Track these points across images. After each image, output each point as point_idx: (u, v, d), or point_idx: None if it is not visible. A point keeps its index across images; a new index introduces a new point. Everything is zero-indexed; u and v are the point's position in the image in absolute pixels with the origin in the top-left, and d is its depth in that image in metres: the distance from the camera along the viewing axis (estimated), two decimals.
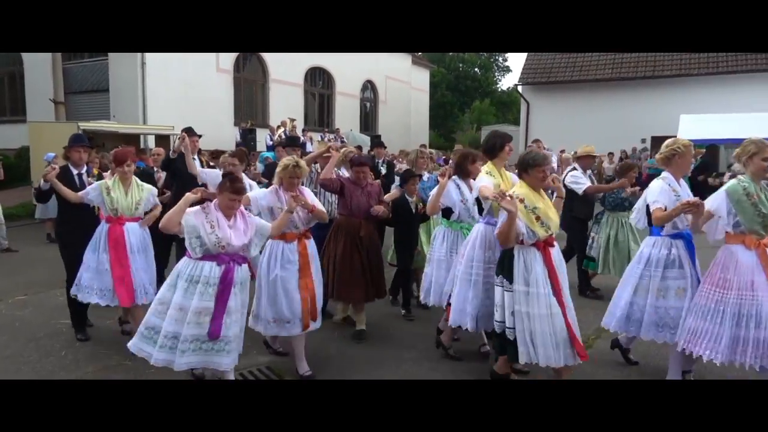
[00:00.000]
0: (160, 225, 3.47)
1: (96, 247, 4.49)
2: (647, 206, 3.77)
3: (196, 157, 5.66)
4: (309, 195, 4.17)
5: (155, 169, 6.05)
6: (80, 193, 4.54)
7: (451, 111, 39.61)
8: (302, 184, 4.27)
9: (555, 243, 3.61)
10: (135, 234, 4.56)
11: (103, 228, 4.53)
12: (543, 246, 3.51)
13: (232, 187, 3.46)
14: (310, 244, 4.15)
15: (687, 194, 3.70)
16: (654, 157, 12.80)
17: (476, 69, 42.32)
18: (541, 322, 3.40)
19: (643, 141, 18.56)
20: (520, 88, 21.91)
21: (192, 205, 3.45)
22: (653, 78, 19.10)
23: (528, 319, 3.43)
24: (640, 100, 18.94)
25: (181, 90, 15.42)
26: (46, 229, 9.90)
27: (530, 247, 3.49)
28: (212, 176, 4.99)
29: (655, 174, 4.45)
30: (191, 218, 3.40)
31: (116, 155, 4.63)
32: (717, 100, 17.53)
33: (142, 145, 13.25)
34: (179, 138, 5.30)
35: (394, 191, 5.56)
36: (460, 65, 41.23)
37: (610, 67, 20.04)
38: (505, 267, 3.55)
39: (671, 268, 3.70)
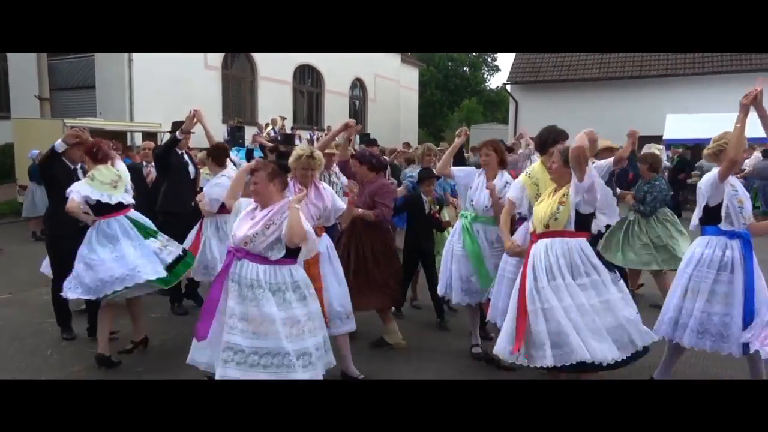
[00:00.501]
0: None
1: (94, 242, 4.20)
2: (703, 207, 3.58)
3: (184, 151, 5.56)
4: (327, 193, 3.79)
5: (144, 164, 5.92)
6: (78, 200, 4.07)
7: (440, 109, 39.67)
8: (321, 179, 4.00)
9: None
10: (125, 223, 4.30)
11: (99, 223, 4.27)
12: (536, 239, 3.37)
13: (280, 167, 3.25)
14: (322, 244, 3.79)
15: (742, 190, 3.57)
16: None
17: (465, 68, 42.43)
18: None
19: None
20: (508, 87, 21.99)
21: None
22: (640, 78, 19.25)
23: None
24: (626, 100, 19.09)
25: (168, 87, 15.29)
26: (31, 227, 9.79)
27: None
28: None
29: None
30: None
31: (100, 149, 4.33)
32: (702, 100, 17.70)
33: (129, 143, 13.14)
34: (190, 115, 4.96)
35: (400, 189, 5.41)
36: (449, 64, 41.31)
37: (598, 66, 20.18)
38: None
39: (723, 271, 3.45)
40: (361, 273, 4.27)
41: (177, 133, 5.12)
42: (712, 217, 3.55)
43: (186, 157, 5.59)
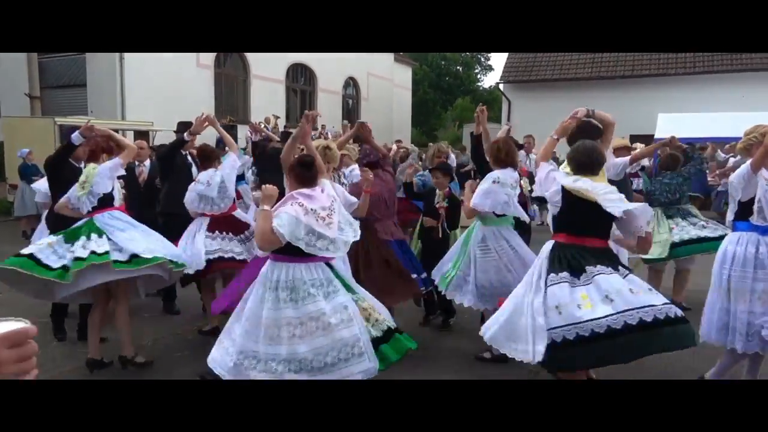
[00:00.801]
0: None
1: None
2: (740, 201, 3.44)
3: (188, 152, 5.48)
4: (338, 189, 3.65)
5: (136, 163, 5.84)
6: (63, 201, 4.10)
7: (434, 108, 39.68)
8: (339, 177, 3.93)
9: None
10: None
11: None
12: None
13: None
14: None
15: None
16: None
17: (458, 67, 42.47)
18: None
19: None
20: (501, 86, 22.04)
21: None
22: (632, 77, 19.36)
23: None
24: (619, 99, 19.15)
25: (160, 85, 15.22)
26: (22, 227, 9.71)
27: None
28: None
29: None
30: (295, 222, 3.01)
31: (100, 147, 4.29)
32: (694, 99, 17.82)
33: None
34: (201, 118, 4.82)
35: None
36: (443, 63, 41.33)
37: (590, 66, 20.26)
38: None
39: (760, 268, 3.29)
40: (381, 268, 4.25)
41: (185, 134, 4.97)
42: (744, 212, 3.41)
43: (190, 158, 5.49)
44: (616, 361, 2.93)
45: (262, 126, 15.58)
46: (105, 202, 4.05)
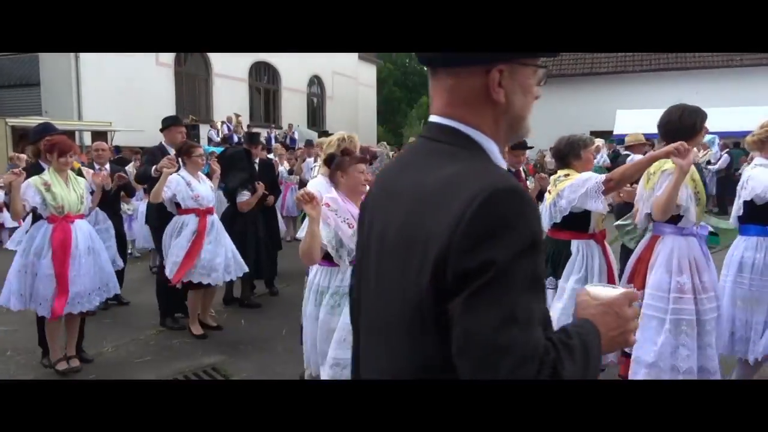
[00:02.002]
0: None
1: (39, 251, 3.87)
2: (747, 201, 3.12)
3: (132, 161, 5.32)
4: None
5: (97, 167, 5.60)
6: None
7: (399, 107, 39.81)
8: None
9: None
10: (83, 233, 4.00)
11: (46, 230, 3.91)
12: (600, 238, 3.20)
13: (355, 156, 2.83)
14: None
15: None
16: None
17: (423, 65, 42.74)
18: None
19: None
20: None
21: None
22: (591, 75, 19.82)
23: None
24: (579, 96, 19.61)
25: (118, 84, 14.82)
26: None
27: (590, 240, 3.22)
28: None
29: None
30: (324, 227, 2.66)
31: (59, 144, 3.98)
32: (651, 96, 18.36)
33: (77, 142, 12.67)
34: (167, 161, 4.47)
35: None
36: (407, 61, 41.50)
37: (551, 63, 20.64)
38: (559, 266, 3.21)
39: None
40: None
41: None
42: (759, 215, 3.10)
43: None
44: None
45: (223, 125, 15.36)
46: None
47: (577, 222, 3.19)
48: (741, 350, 3.14)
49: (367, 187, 2.76)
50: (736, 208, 3.20)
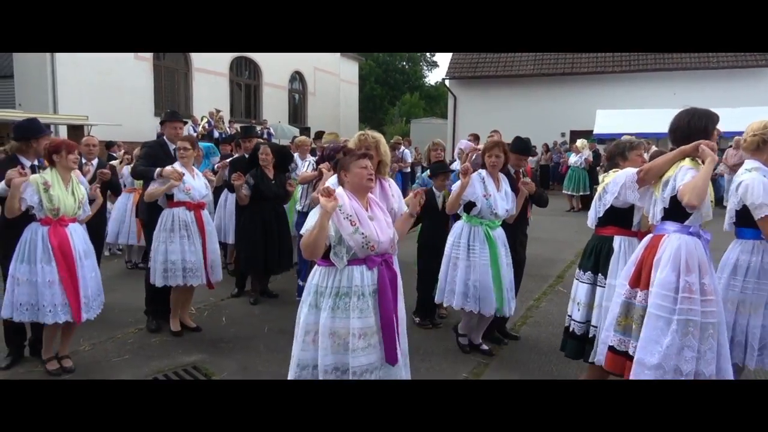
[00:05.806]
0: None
1: (29, 256, 3.75)
2: (738, 209, 3.06)
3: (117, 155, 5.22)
4: (394, 190, 3.24)
5: (84, 161, 5.45)
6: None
7: (381, 104, 39.76)
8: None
9: None
10: (79, 237, 3.91)
11: (38, 232, 3.78)
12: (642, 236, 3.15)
13: (356, 153, 2.80)
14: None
15: None
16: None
17: (404, 62, 42.70)
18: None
19: (563, 135, 19.41)
20: (447, 82, 22.28)
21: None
22: (571, 74, 19.99)
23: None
24: (559, 96, 19.77)
25: (95, 77, 14.54)
26: None
27: (633, 238, 3.28)
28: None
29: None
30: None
31: (64, 142, 3.91)
32: (630, 96, 18.61)
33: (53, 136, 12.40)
34: (177, 173, 4.48)
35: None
36: (388, 58, 41.47)
37: (532, 63, 20.79)
38: (600, 261, 3.33)
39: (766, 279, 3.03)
40: None
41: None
42: (749, 218, 3.03)
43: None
44: None
45: (204, 121, 15.16)
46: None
47: (621, 218, 3.32)
48: (738, 357, 3.08)
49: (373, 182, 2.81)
50: (730, 215, 3.14)
